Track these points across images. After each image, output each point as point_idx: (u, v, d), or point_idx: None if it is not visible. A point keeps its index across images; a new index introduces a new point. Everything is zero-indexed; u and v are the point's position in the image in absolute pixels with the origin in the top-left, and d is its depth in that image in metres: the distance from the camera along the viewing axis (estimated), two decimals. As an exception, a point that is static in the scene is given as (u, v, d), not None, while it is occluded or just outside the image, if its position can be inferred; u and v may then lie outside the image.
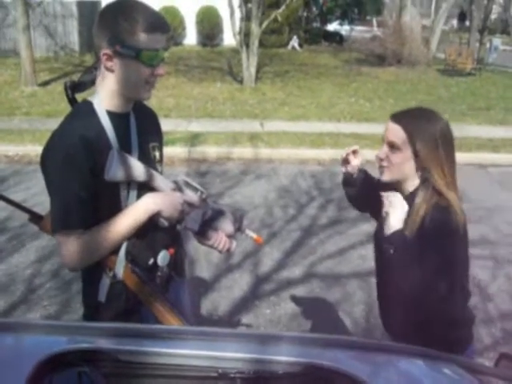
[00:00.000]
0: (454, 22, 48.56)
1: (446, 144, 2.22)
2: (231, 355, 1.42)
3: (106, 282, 2.14)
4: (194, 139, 10.23)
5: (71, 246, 2.04)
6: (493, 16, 44.87)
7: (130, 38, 1.98)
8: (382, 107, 14.18)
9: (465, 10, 34.53)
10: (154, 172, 2.19)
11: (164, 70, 2.12)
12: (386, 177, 2.28)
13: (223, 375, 1.40)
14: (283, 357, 1.43)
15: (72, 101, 2.17)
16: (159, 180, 2.20)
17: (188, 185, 2.30)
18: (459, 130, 11.16)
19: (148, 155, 2.26)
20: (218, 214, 2.41)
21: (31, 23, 16.21)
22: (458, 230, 2.14)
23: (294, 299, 5.05)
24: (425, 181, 2.20)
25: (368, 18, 39.72)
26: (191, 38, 27.43)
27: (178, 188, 2.26)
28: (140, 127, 2.24)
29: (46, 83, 15.50)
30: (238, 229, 2.47)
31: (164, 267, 2.20)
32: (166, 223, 2.18)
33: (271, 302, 5.00)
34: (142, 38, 1.98)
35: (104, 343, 1.46)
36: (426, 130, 2.19)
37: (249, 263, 5.66)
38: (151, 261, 2.16)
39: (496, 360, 1.69)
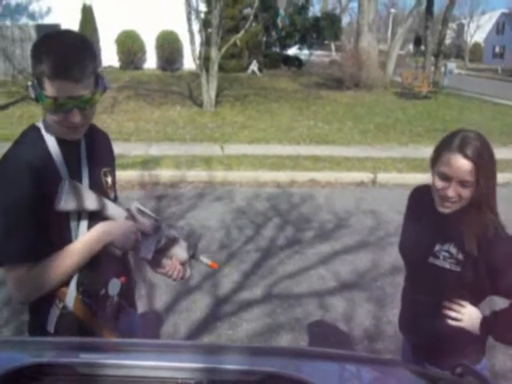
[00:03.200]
0: (410, 47, 49.51)
1: (496, 165, 2.27)
2: (190, 365, 1.45)
3: (55, 312, 2.06)
4: (153, 163, 10.20)
5: (18, 279, 1.98)
6: (447, 41, 45.94)
7: (38, 80, 1.91)
8: (341, 130, 14.38)
9: (420, 35, 35.18)
10: (106, 200, 2.15)
11: (78, 118, 1.95)
12: (451, 210, 2.29)
13: (183, 385, 1.42)
14: (243, 366, 1.46)
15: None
16: (112, 208, 2.16)
17: (141, 212, 2.26)
18: (416, 151, 11.41)
19: (99, 182, 2.20)
20: (172, 241, 2.38)
21: (-12, 47, 16.11)
22: None
23: (255, 320, 5.06)
24: (479, 200, 2.23)
25: (326, 42, 40.28)
26: (151, 62, 27.49)
27: (130, 216, 2.22)
28: (91, 153, 2.17)
29: (3, 107, 15.34)
30: (192, 256, 2.45)
31: (114, 296, 2.15)
32: (119, 252, 2.15)
33: (232, 323, 5.00)
34: (46, 83, 1.89)
35: (62, 357, 1.47)
36: (489, 159, 2.20)
37: (208, 284, 5.66)
38: (102, 291, 2.12)
39: (452, 368, 1.73)
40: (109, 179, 2.27)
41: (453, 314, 2.34)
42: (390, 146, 12.90)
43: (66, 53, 1.88)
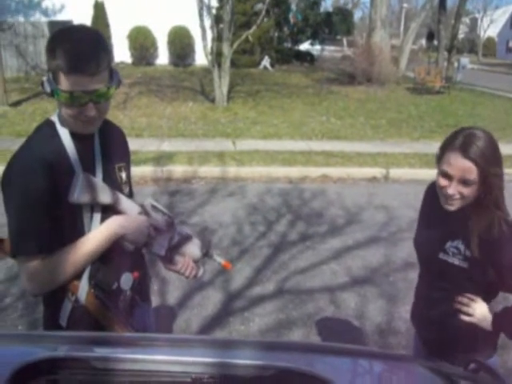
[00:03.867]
0: (423, 42, 49.23)
1: (502, 164, 2.26)
2: (203, 360, 1.45)
3: (67, 306, 2.09)
4: (165, 158, 10.24)
5: (31, 271, 2.00)
6: (460, 36, 45.67)
7: (53, 75, 1.94)
8: (353, 125, 14.35)
9: (433, 30, 34.96)
10: (120, 195, 2.16)
11: (93, 112, 1.97)
12: (455, 208, 2.31)
13: (197, 380, 1.42)
14: (256, 361, 1.47)
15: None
16: (125, 203, 2.17)
17: (155, 209, 2.27)
18: (428, 147, 11.34)
19: (113, 177, 2.22)
20: (185, 239, 2.39)
21: (2, 43, 16.18)
22: None
23: (268, 315, 5.08)
24: (485, 198, 2.24)
25: (338, 37, 40.16)
26: (163, 57, 27.47)
27: (144, 212, 2.23)
28: (105, 148, 2.19)
29: (16, 103, 15.42)
30: (206, 254, 2.45)
31: (127, 291, 2.16)
32: (131, 247, 2.15)
33: (245, 318, 5.01)
34: (61, 77, 1.91)
35: (78, 351, 1.48)
36: (492, 158, 2.19)
37: (221, 280, 5.67)
38: (115, 285, 2.13)
39: (465, 364, 1.73)
40: (123, 174, 2.29)
41: (465, 309, 2.35)
42: (402, 141, 12.86)
43: (81, 47, 1.89)
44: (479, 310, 2.33)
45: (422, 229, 2.63)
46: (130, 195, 2.37)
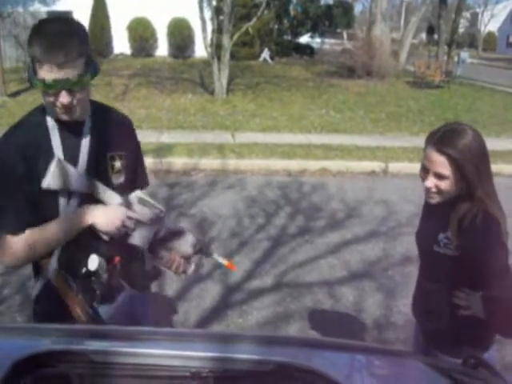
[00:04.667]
0: (423, 36, 49.16)
1: (485, 159, 2.29)
2: (203, 355, 1.46)
3: (41, 280, 2.24)
4: (164, 150, 10.23)
5: (6, 246, 2.13)
6: (460, 30, 45.62)
7: (32, 64, 2.03)
8: (352, 118, 14.35)
9: (433, 24, 34.90)
10: (100, 184, 2.19)
11: (66, 99, 2.03)
12: (436, 201, 2.35)
13: (196, 374, 1.42)
14: (255, 356, 1.47)
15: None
16: (104, 192, 2.20)
17: (143, 201, 2.27)
18: (427, 142, 11.32)
19: (102, 166, 2.25)
20: (175, 234, 2.39)
21: (1, 34, 16.11)
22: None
23: (266, 308, 5.08)
24: (468, 192, 2.26)
25: (338, 30, 40.06)
26: (163, 49, 27.44)
27: (126, 203, 2.24)
28: (97, 136, 2.23)
29: (15, 93, 15.42)
30: (198, 251, 2.44)
31: (102, 275, 2.17)
32: (105, 236, 2.18)
33: (243, 311, 5.02)
34: (37, 66, 1.99)
35: (77, 344, 1.48)
36: (469, 154, 2.21)
37: (219, 272, 5.66)
38: (84, 269, 2.16)
39: (463, 360, 1.73)
40: (117, 163, 2.30)
41: (461, 302, 2.36)
42: (401, 135, 12.85)
43: (52, 38, 1.96)
44: (474, 302, 2.33)
45: (421, 222, 2.66)
46: (139, 184, 2.43)
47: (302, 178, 9.40)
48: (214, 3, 21.10)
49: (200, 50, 24.02)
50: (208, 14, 18.12)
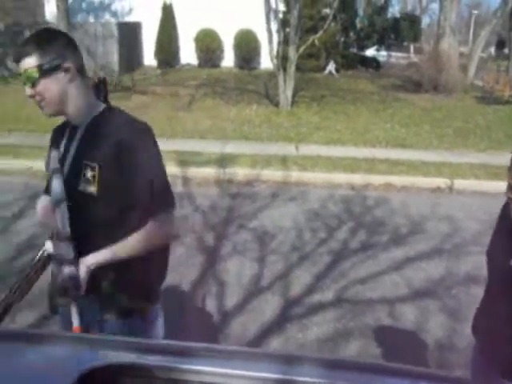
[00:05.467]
0: (492, 50, 48.28)
1: None
2: (266, 375, 1.43)
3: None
4: (228, 160, 10.29)
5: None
6: (532, 44, 44.43)
7: None
8: (418, 133, 14.13)
9: (503, 38, 34.23)
10: (56, 176, 2.37)
11: (27, 92, 2.30)
12: None
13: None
14: (315, 379, 1.44)
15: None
16: (52, 185, 2.37)
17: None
18: (495, 158, 11.05)
19: (77, 170, 2.32)
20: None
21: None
22: None
23: (326, 323, 5.03)
24: None
25: (405, 44, 39.64)
26: (229, 60, 27.72)
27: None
28: (84, 142, 2.37)
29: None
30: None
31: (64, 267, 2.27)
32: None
33: (303, 326, 4.98)
34: None
35: (143, 359, 1.48)
36: None
37: (279, 286, 5.65)
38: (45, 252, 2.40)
39: None
40: (88, 173, 2.26)
41: None
42: (468, 151, 12.57)
43: (22, 43, 2.29)
44: None
45: (495, 239, 2.53)
46: (102, 198, 2.28)
47: (366, 193, 9.30)
48: (281, 15, 21.19)
49: (265, 62, 24.15)
50: (274, 26, 18.18)
